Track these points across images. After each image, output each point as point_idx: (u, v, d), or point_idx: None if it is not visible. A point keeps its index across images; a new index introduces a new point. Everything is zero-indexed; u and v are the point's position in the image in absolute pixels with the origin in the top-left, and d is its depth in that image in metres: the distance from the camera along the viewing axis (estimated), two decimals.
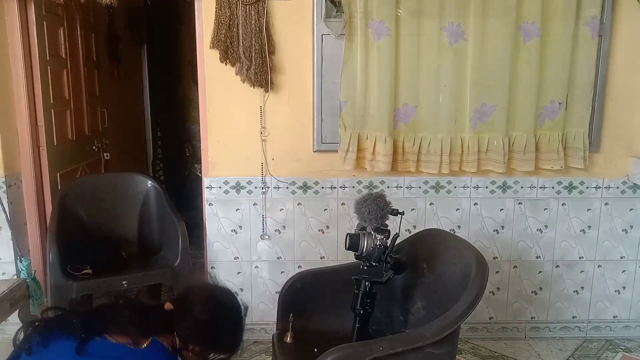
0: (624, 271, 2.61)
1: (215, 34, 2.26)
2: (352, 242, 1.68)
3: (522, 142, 2.40)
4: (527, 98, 2.37)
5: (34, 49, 2.47)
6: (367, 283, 1.70)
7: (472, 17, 2.28)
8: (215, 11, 2.26)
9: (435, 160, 2.40)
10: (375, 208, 1.67)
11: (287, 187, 2.47)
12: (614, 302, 2.64)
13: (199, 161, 3.08)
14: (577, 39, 2.35)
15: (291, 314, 1.82)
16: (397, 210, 1.72)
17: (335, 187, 2.48)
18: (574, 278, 2.61)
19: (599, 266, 2.60)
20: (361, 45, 2.28)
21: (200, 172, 2.64)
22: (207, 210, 2.48)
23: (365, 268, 1.71)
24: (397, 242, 1.73)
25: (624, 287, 2.62)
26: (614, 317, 2.65)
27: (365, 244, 1.67)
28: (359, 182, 2.48)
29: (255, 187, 2.46)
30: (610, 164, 2.51)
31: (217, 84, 2.38)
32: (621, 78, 2.44)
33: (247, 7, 2.24)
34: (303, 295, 1.90)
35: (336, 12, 2.33)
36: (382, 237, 1.68)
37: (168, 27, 4.31)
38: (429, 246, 1.89)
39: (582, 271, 2.60)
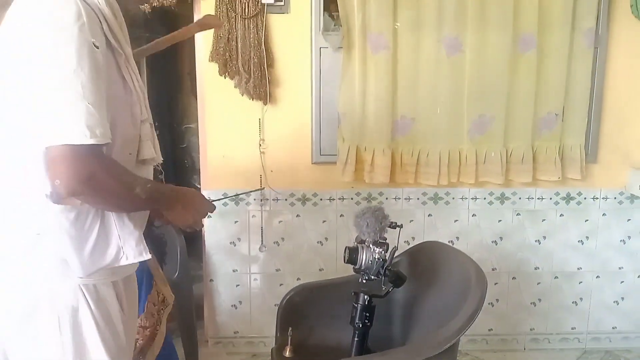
0: (622, 282, 2.61)
1: (214, 47, 2.28)
2: (351, 256, 1.68)
3: (519, 154, 2.41)
4: (524, 109, 2.38)
5: None
6: (366, 297, 1.70)
7: (469, 30, 2.29)
8: None
9: (434, 172, 2.40)
10: (373, 221, 1.67)
11: (286, 199, 2.47)
12: (613, 313, 2.63)
13: (197, 172, 3.09)
14: (573, 50, 2.36)
15: (290, 328, 1.81)
16: (396, 223, 1.72)
17: (333, 199, 2.48)
18: (572, 289, 2.61)
19: (598, 277, 2.60)
20: (359, 58, 2.29)
21: (199, 184, 2.65)
22: (206, 223, 2.48)
23: (364, 281, 1.70)
24: (395, 254, 1.74)
25: (622, 298, 2.62)
26: (613, 328, 2.65)
27: (364, 257, 1.67)
28: (358, 194, 2.49)
29: (254, 199, 2.46)
30: (608, 175, 2.52)
31: (216, 96, 2.39)
32: (618, 89, 2.46)
33: (246, 21, 2.26)
34: (302, 309, 1.89)
35: (334, 25, 2.35)
36: (381, 250, 1.68)
37: (165, 36, 4.32)
38: (428, 259, 1.89)
39: (580, 282, 2.60)
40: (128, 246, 1.15)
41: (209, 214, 1.34)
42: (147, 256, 1.17)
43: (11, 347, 1.15)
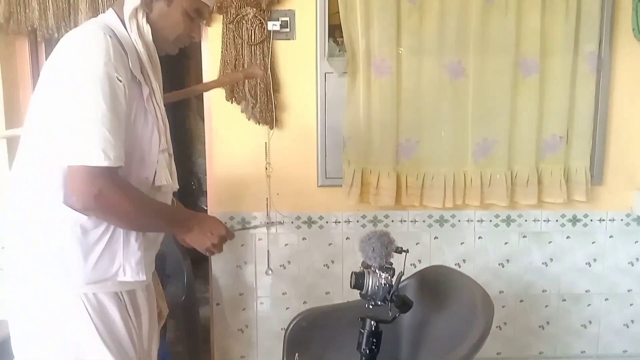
0: (631, 304, 2.59)
1: (221, 73, 2.31)
2: (357, 281, 1.68)
3: (524, 176, 2.41)
4: (528, 132, 2.40)
5: None
6: (372, 322, 1.69)
7: (471, 54, 2.33)
8: (222, 51, 2.31)
9: (439, 194, 2.41)
10: (379, 246, 1.68)
11: (292, 222, 2.48)
12: (622, 336, 2.60)
13: (204, 194, 3.11)
14: (576, 74, 2.39)
15: (297, 353, 1.81)
16: (402, 248, 1.72)
17: (339, 222, 2.49)
18: (581, 312, 2.59)
19: (606, 299, 2.58)
20: (363, 82, 2.32)
21: (206, 206, 2.67)
22: None
23: (371, 307, 1.70)
24: (402, 278, 1.74)
25: (632, 321, 2.60)
26: (624, 351, 2.62)
27: (370, 282, 1.67)
28: (363, 217, 2.49)
29: (260, 222, 2.48)
30: (614, 197, 2.52)
31: (223, 120, 2.42)
32: (622, 112, 2.47)
33: (253, 47, 2.30)
34: (308, 334, 1.89)
35: (339, 51, 2.39)
36: (387, 275, 1.67)
37: (174, 61, 4.39)
38: (434, 284, 1.89)
39: (589, 305, 2.58)
40: (128, 264, 1.25)
41: (228, 240, 1.39)
42: (143, 277, 1.27)
43: (17, 346, 1.26)
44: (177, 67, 4.42)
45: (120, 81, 1.14)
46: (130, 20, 1.23)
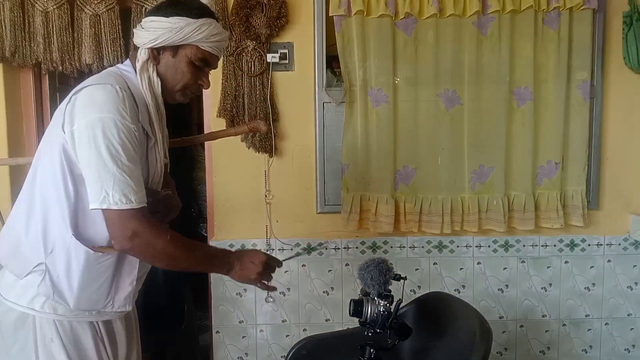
0: (632, 329, 2.58)
1: (222, 104, 2.37)
2: (356, 309, 1.69)
3: (521, 202, 2.44)
4: (523, 159, 2.43)
5: (47, 121, 2.58)
6: (371, 350, 1.70)
7: (466, 84, 2.38)
8: (222, 82, 2.37)
9: (437, 221, 2.44)
10: (377, 274, 1.69)
11: (292, 249, 2.50)
12: None
13: (204, 220, 3.13)
14: (570, 102, 2.44)
15: None
16: (400, 275, 1.74)
17: (339, 248, 2.51)
18: (581, 337, 2.58)
19: (606, 324, 2.58)
20: (361, 111, 2.37)
21: (206, 232, 2.68)
22: (212, 274, 2.50)
23: (370, 334, 1.71)
24: (401, 305, 1.75)
25: (633, 346, 2.59)
26: None
27: (369, 310, 1.68)
28: (363, 243, 2.51)
29: (260, 249, 2.49)
30: (611, 221, 2.54)
31: (223, 149, 2.46)
32: (616, 137, 2.52)
33: (252, 79, 2.35)
34: None
35: (336, 81, 2.45)
36: (386, 302, 1.69)
37: None
38: (434, 311, 1.90)
39: (589, 329, 2.58)
40: (117, 297, 1.32)
41: (275, 266, 1.46)
42: (129, 308, 1.36)
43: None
44: None
45: (136, 132, 1.23)
46: (142, 74, 1.30)
